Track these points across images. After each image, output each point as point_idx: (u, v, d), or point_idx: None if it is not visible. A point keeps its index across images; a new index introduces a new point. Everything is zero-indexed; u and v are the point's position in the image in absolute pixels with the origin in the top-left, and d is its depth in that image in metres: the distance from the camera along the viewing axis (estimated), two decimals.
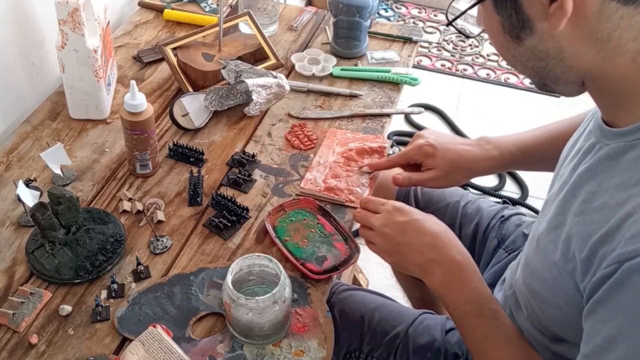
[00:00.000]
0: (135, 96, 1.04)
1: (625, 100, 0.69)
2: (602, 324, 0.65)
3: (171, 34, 1.48)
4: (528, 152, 1.07)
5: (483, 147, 1.07)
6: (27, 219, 1.02)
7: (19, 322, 0.89)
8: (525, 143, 1.07)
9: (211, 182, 1.13)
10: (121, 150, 1.18)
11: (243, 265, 0.88)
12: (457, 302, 0.87)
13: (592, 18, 0.65)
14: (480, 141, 1.09)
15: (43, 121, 1.23)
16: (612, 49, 0.66)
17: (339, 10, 1.37)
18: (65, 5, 1.09)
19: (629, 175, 0.67)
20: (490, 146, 1.07)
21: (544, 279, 0.78)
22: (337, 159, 1.16)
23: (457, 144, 1.08)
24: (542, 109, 2.57)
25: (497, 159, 1.07)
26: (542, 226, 0.81)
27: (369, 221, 0.94)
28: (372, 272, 1.90)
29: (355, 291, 1.13)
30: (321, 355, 0.86)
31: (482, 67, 2.79)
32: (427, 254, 0.89)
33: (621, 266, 0.63)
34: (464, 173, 1.08)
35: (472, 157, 1.06)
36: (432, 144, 1.06)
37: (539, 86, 0.77)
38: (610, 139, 0.72)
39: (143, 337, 0.83)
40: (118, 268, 0.97)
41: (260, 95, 1.23)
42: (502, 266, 1.11)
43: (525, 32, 0.69)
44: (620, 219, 0.65)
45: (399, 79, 1.36)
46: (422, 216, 0.93)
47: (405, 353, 1.03)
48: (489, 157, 1.07)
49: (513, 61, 0.75)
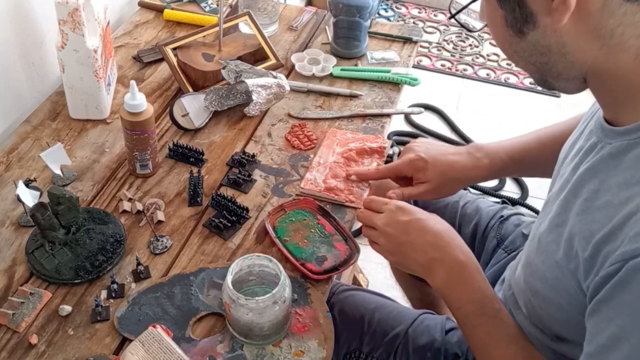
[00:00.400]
0: (135, 96, 1.04)
1: (627, 97, 0.69)
2: (606, 322, 0.65)
3: (171, 34, 1.48)
4: (519, 159, 1.06)
5: (473, 156, 1.06)
6: (27, 219, 1.02)
7: (19, 322, 0.89)
8: (515, 150, 1.07)
9: (211, 182, 1.13)
10: (121, 150, 1.18)
11: (243, 266, 0.88)
12: (460, 301, 0.87)
13: (595, 13, 0.64)
14: (471, 149, 1.08)
15: (43, 121, 1.23)
16: (615, 45, 0.66)
17: (339, 10, 1.37)
18: (65, 5, 1.09)
19: (632, 174, 0.67)
20: (480, 154, 1.07)
21: (545, 278, 0.78)
22: (337, 159, 1.16)
23: (447, 154, 1.07)
24: (542, 109, 2.57)
25: (487, 168, 1.06)
26: (544, 226, 0.81)
27: (372, 221, 0.94)
28: (372, 272, 1.90)
29: (355, 291, 1.13)
30: (321, 356, 0.86)
31: (482, 67, 2.79)
32: (430, 253, 0.89)
33: (625, 264, 0.62)
34: (455, 183, 1.07)
35: (462, 166, 1.06)
36: (423, 158, 1.05)
37: (540, 83, 0.77)
38: (612, 138, 0.71)
39: (143, 337, 0.83)
40: (118, 268, 0.97)
41: (260, 95, 1.23)
42: (502, 266, 1.11)
43: (528, 26, 0.69)
44: (623, 218, 0.65)
45: (399, 79, 1.36)
46: (425, 215, 0.93)
47: (405, 353, 1.03)
48: (480, 166, 1.06)
49: (515, 56, 0.75)
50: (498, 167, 1.07)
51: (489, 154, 1.07)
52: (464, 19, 0.84)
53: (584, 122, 0.84)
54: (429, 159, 1.05)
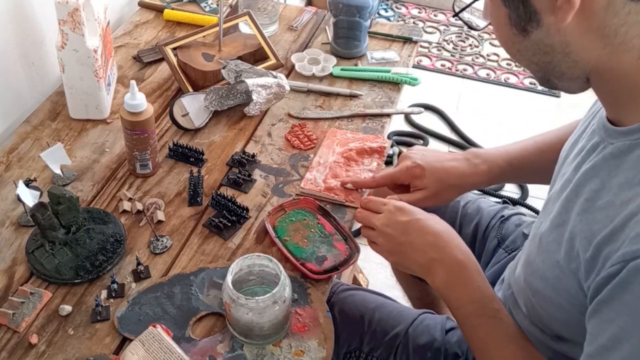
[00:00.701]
0: (135, 96, 1.04)
1: (630, 97, 0.69)
2: (607, 323, 0.65)
3: (171, 34, 1.48)
4: (516, 165, 1.06)
5: (471, 162, 1.06)
6: (27, 219, 1.02)
7: (19, 322, 0.89)
8: (513, 156, 1.06)
9: (211, 182, 1.13)
10: (121, 150, 1.18)
11: (243, 265, 0.88)
12: (460, 301, 0.87)
13: (600, 13, 0.64)
14: (468, 155, 1.07)
15: (43, 121, 1.23)
16: (619, 45, 0.66)
17: (339, 10, 1.38)
18: (65, 5, 1.09)
19: (634, 174, 0.67)
20: (478, 160, 1.06)
21: (546, 277, 0.78)
22: (337, 159, 1.16)
23: (444, 161, 1.06)
24: (542, 109, 2.57)
25: (485, 174, 1.06)
26: (545, 225, 0.81)
27: (371, 221, 0.94)
28: (372, 272, 1.90)
29: (355, 291, 1.13)
30: (321, 355, 0.86)
31: (482, 67, 2.79)
32: (429, 254, 0.89)
33: (626, 265, 0.62)
34: (452, 190, 1.07)
35: (460, 173, 1.05)
36: (420, 165, 1.04)
37: (542, 82, 0.77)
38: (614, 138, 0.71)
39: (143, 337, 0.83)
40: (118, 268, 0.97)
41: (260, 95, 1.23)
42: (502, 266, 1.11)
43: (532, 25, 0.69)
44: (624, 218, 0.65)
45: (399, 79, 1.36)
46: (425, 215, 0.92)
47: (405, 353, 1.03)
48: (477, 172, 1.05)
49: (518, 55, 0.75)
50: (496, 174, 1.06)
51: (486, 160, 1.06)
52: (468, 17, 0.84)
53: (585, 121, 0.84)
54: (426, 166, 1.04)
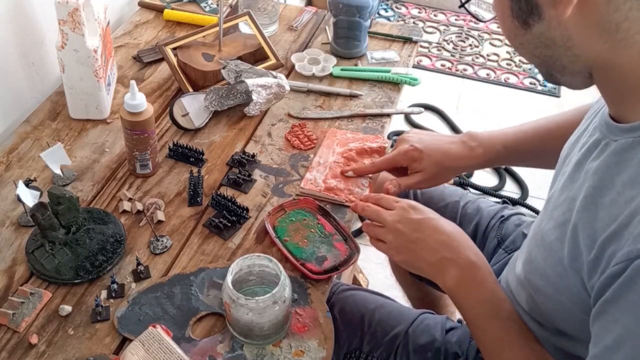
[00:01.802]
0: (135, 96, 1.04)
1: (632, 94, 0.68)
2: (612, 324, 0.64)
3: (171, 34, 1.48)
4: (513, 149, 1.07)
5: (467, 144, 1.08)
6: (27, 219, 1.02)
7: (19, 322, 0.89)
8: (510, 139, 1.08)
9: (211, 182, 1.13)
10: (121, 150, 1.18)
11: (243, 265, 0.88)
12: (472, 302, 0.86)
13: (601, 7, 0.64)
14: (465, 137, 1.09)
15: (43, 121, 1.23)
16: (620, 40, 0.65)
17: (339, 10, 1.38)
18: (65, 5, 1.09)
19: (637, 172, 0.66)
20: (475, 143, 1.08)
21: (547, 275, 0.78)
22: (337, 159, 1.16)
23: (441, 143, 1.08)
24: (542, 109, 2.57)
25: (481, 156, 1.08)
26: (546, 223, 0.80)
27: (382, 216, 0.93)
28: (372, 272, 1.90)
29: (355, 291, 1.13)
30: (321, 355, 0.86)
31: (482, 67, 2.79)
32: (441, 252, 0.88)
33: (631, 264, 0.62)
34: (449, 172, 1.09)
35: (456, 155, 1.07)
36: (418, 148, 1.06)
37: (546, 77, 0.77)
38: (617, 135, 0.71)
39: (143, 337, 0.83)
40: (118, 268, 0.97)
41: (260, 95, 1.23)
42: (502, 266, 1.11)
43: (534, 18, 0.69)
44: (628, 216, 0.64)
45: (399, 79, 1.36)
46: (437, 215, 0.93)
47: (406, 353, 1.03)
48: (474, 155, 1.07)
49: (520, 48, 0.75)
50: (492, 156, 1.08)
51: (483, 142, 1.08)
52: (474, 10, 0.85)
53: (587, 119, 0.84)
54: (423, 149, 1.06)
